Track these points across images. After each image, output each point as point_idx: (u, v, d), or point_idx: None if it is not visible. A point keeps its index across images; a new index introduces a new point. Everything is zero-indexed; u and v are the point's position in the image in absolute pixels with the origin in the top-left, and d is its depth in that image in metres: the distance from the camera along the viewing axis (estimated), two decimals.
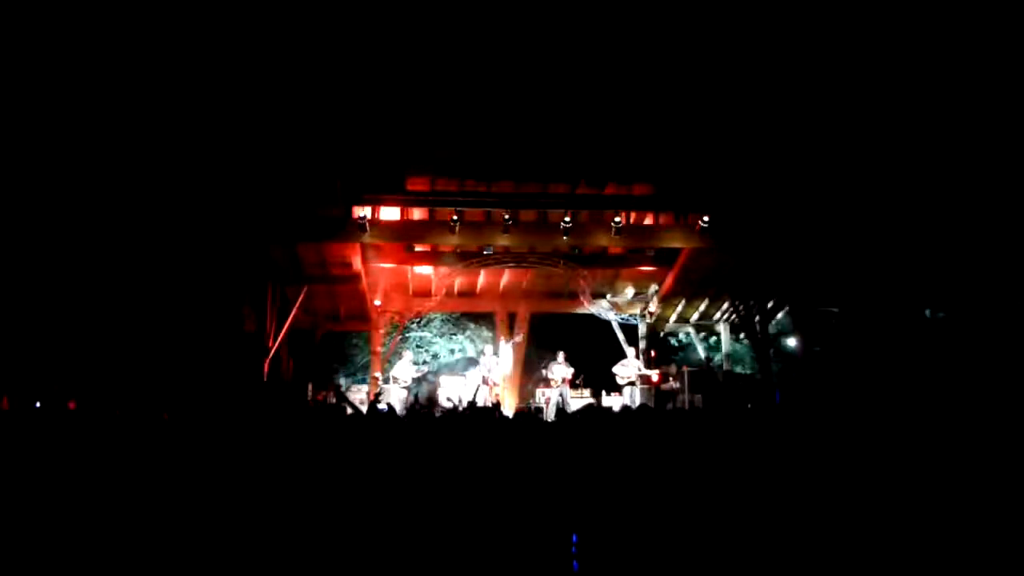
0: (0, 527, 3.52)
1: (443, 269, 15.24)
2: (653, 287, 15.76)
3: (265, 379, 13.36)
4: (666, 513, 3.86)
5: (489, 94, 11.68)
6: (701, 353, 18.02)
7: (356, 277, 15.03)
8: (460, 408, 7.71)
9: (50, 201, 11.41)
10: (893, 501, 4.02)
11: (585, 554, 3.44)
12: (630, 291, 15.78)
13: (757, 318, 15.53)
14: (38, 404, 10.83)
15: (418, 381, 13.52)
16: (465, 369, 15.78)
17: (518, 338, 14.42)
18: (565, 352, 13.78)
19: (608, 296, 16.16)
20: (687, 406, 13.67)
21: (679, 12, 11.00)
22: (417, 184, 13.39)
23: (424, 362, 13.69)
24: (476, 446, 4.33)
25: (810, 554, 3.52)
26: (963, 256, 12.80)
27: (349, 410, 9.74)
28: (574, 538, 3.44)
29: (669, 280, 15.80)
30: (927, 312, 14.02)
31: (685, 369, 14.35)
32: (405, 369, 13.74)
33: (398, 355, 14.48)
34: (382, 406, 11.77)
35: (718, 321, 17.65)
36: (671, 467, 4.56)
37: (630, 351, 14.42)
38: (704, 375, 14.50)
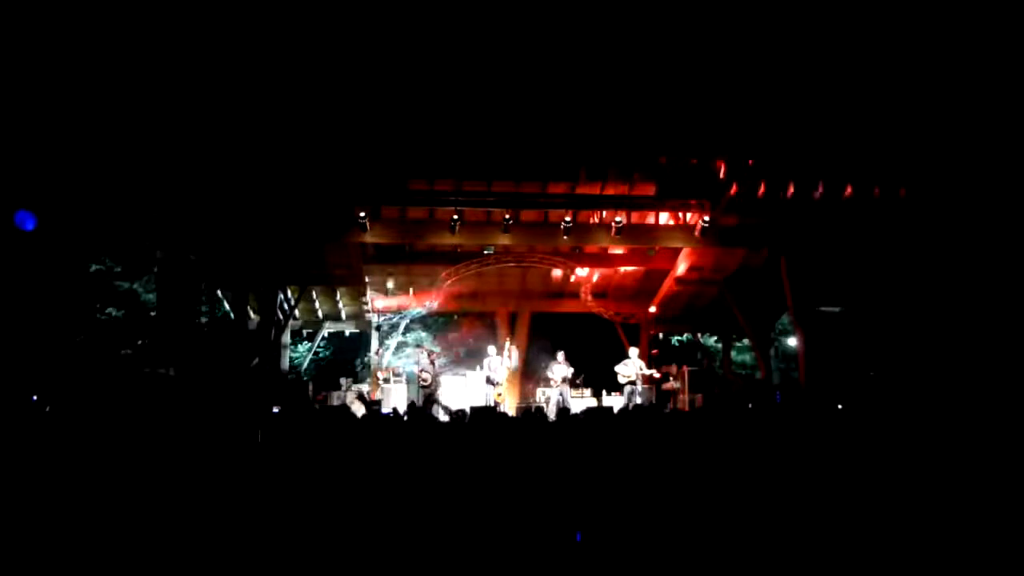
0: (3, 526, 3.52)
1: (443, 269, 15.24)
2: None
3: (266, 378, 13.36)
4: (667, 510, 3.86)
5: (489, 93, 11.69)
6: (701, 353, 18.03)
7: (356, 277, 15.03)
8: (459, 412, 7.71)
9: (57, 201, 11.41)
10: (893, 500, 4.02)
11: (588, 546, 3.45)
12: None
13: (757, 318, 15.54)
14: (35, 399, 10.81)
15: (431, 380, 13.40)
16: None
17: (509, 343, 14.33)
18: (565, 352, 13.76)
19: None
20: (687, 406, 13.68)
21: (680, 10, 11.00)
22: (417, 184, 13.38)
23: (432, 362, 13.58)
24: (480, 447, 4.33)
25: (810, 552, 3.53)
26: (967, 256, 12.80)
27: (362, 409, 9.73)
28: (578, 536, 3.45)
29: (669, 280, 15.81)
30: (930, 312, 14.03)
31: (685, 369, 14.35)
32: (427, 367, 13.61)
33: (423, 352, 14.40)
34: (386, 410, 11.77)
35: (718, 321, 17.66)
36: (671, 466, 4.56)
37: (632, 351, 14.42)
38: (704, 375, 14.51)
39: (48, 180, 11.29)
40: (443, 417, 11.70)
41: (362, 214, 12.47)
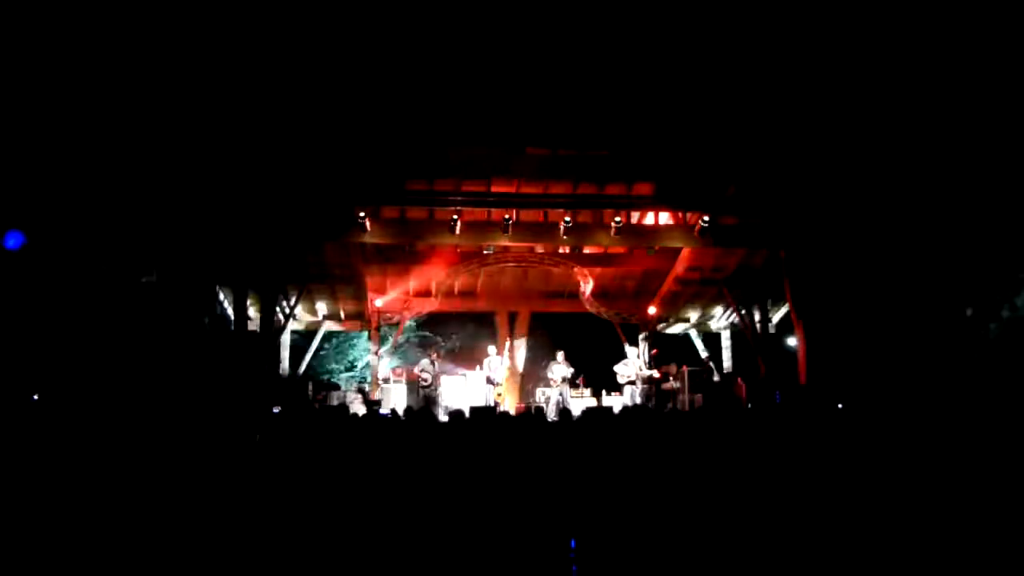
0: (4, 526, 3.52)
1: (443, 269, 15.24)
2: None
3: (266, 378, 13.35)
4: (666, 513, 3.86)
5: (489, 93, 11.68)
6: (701, 353, 18.02)
7: (356, 277, 15.02)
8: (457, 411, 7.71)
9: (57, 201, 11.41)
10: (893, 500, 4.02)
11: (584, 556, 3.44)
12: None
13: (757, 317, 15.54)
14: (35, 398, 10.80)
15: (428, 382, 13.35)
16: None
17: (518, 342, 14.31)
18: (565, 352, 13.76)
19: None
20: (687, 406, 13.67)
21: (681, 9, 10.99)
22: (417, 184, 13.38)
23: (433, 362, 13.55)
24: (479, 448, 4.33)
25: (810, 554, 3.52)
26: (967, 254, 12.80)
27: (362, 409, 9.69)
28: (572, 543, 3.45)
29: (669, 280, 15.81)
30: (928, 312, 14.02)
31: (685, 369, 14.34)
32: (427, 367, 13.59)
33: (424, 353, 14.38)
34: (384, 411, 11.76)
35: (718, 320, 17.67)
36: (671, 468, 4.56)
37: (631, 351, 14.42)
38: (704, 375, 14.51)
39: (49, 179, 11.28)
40: (444, 417, 11.70)
41: (362, 214, 12.47)
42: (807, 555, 3.48)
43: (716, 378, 15.64)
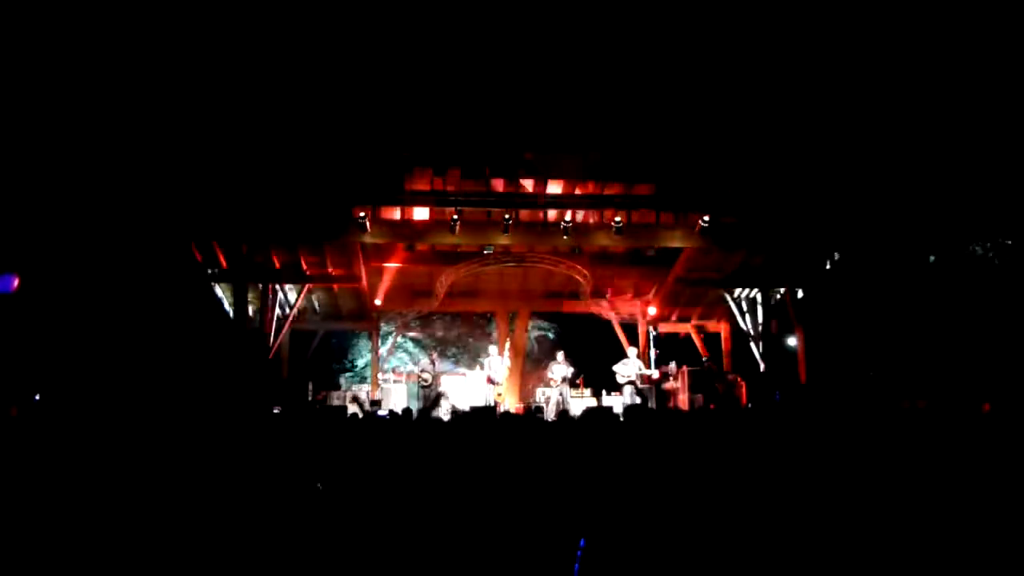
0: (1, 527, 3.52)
1: (443, 269, 15.24)
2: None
3: (266, 378, 13.35)
4: (666, 514, 3.86)
5: (490, 93, 11.69)
6: (702, 353, 18.01)
7: (356, 277, 15.03)
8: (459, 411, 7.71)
9: (56, 201, 11.41)
10: (894, 500, 4.02)
11: (588, 558, 3.44)
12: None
13: (757, 317, 15.55)
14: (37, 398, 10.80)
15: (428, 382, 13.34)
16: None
17: (507, 345, 14.28)
18: (565, 352, 13.76)
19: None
20: (687, 406, 13.67)
21: (681, 11, 11.01)
22: (417, 184, 13.39)
23: (433, 361, 13.57)
24: (480, 448, 4.32)
25: (813, 554, 3.52)
26: (963, 256, 12.80)
27: (358, 412, 9.70)
28: (581, 542, 3.44)
29: (669, 280, 15.81)
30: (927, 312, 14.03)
31: (685, 369, 14.33)
32: (427, 367, 13.60)
33: (427, 354, 14.40)
34: (382, 412, 11.76)
35: (718, 320, 17.66)
36: (671, 467, 4.56)
37: (631, 350, 14.41)
38: (704, 375, 14.50)
39: (48, 179, 11.28)
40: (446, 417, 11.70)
41: (362, 214, 12.47)
42: (809, 555, 3.47)
43: (717, 376, 15.61)
